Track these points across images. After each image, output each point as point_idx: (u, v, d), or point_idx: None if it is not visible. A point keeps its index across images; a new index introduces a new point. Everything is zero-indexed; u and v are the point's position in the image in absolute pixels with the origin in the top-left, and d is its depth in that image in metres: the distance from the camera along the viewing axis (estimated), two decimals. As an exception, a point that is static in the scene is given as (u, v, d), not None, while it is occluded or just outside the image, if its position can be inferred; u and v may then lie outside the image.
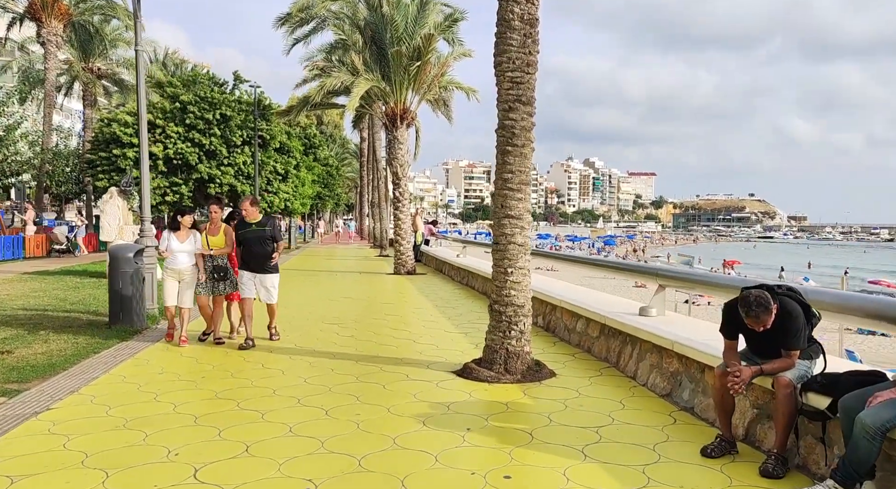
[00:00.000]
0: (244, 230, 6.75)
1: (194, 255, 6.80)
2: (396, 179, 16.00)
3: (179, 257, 6.77)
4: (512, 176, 5.30)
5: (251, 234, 6.71)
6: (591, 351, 6.33)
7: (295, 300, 10.72)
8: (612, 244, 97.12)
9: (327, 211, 56.49)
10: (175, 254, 6.77)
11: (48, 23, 27.61)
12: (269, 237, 6.75)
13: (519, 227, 5.37)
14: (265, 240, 6.72)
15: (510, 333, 5.38)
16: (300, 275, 15.55)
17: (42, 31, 27.71)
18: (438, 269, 17.13)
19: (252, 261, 6.76)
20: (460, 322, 8.51)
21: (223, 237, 6.90)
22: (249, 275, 6.80)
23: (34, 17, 27.81)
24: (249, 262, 6.78)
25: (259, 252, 6.68)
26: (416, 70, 14.88)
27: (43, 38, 27.77)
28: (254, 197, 6.99)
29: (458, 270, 14.16)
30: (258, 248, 6.69)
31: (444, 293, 11.93)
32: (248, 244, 6.73)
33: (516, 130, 5.25)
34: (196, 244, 6.79)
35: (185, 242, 6.78)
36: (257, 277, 6.82)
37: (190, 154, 23.68)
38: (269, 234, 6.75)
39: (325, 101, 15.99)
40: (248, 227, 6.74)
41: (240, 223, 6.87)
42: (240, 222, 6.88)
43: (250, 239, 6.71)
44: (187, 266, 6.78)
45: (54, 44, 28.09)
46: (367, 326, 8.17)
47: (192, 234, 6.82)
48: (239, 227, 6.84)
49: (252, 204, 6.77)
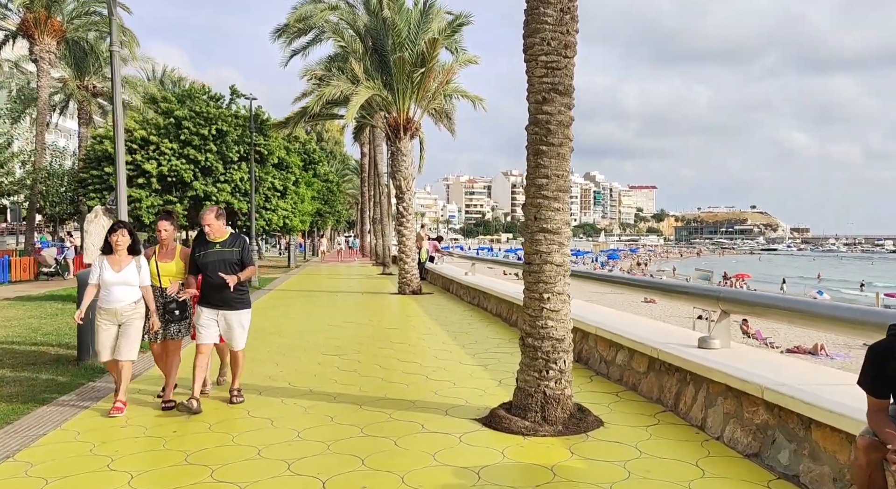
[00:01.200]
0: (205, 251, 5.12)
1: (140, 290, 5.03)
2: (400, 193, 15.12)
3: (116, 292, 4.93)
4: (547, 181, 4.38)
5: (214, 256, 5.09)
6: (637, 389, 5.35)
7: (292, 326, 9.75)
8: (616, 258, 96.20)
9: (328, 228, 55.63)
10: (109, 287, 4.93)
11: (41, 40, 27.00)
12: (238, 261, 5.13)
13: (557, 244, 4.43)
14: (232, 264, 5.09)
15: (547, 373, 4.42)
16: (299, 297, 14.59)
17: (35, 49, 27.08)
18: (445, 288, 16.17)
19: (214, 294, 5.07)
20: (477, 351, 7.53)
21: (179, 263, 5.31)
22: (210, 314, 5.14)
23: (27, 34, 27.20)
24: (211, 295, 5.09)
25: (224, 281, 4.97)
26: (419, 77, 14.07)
27: (36, 56, 27.14)
28: (220, 208, 5.33)
29: (467, 290, 13.20)
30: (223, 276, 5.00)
31: (454, 316, 10.96)
32: (209, 270, 5.05)
33: (552, 126, 4.33)
34: (141, 273, 5.04)
35: (123, 271, 4.96)
36: (221, 315, 5.16)
37: (185, 171, 22.87)
38: (238, 256, 5.14)
39: (324, 111, 15.17)
40: (210, 248, 5.12)
41: (199, 241, 5.21)
42: (199, 240, 5.22)
43: (213, 263, 5.05)
44: (127, 304, 4.95)
45: (47, 61, 27.46)
46: (372, 358, 7.20)
47: (132, 261, 5.03)
48: (198, 247, 5.17)
49: (217, 217, 5.14)
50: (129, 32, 29.43)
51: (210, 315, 5.16)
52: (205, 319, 5.15)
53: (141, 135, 22.79)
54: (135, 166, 22.49)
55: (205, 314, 5.16)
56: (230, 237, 5.24)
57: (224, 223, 5.23)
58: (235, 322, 5.22)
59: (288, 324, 10.10)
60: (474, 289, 12.48)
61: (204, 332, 5.16)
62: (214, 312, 5.16)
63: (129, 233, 5.06)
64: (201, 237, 5.22)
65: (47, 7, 26.67)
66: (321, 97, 13.89)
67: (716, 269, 76.52)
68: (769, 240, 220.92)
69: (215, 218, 5.14)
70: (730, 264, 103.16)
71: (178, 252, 5.38)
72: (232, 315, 5.19)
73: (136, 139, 22.79)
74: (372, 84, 13.80)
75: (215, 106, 24.34)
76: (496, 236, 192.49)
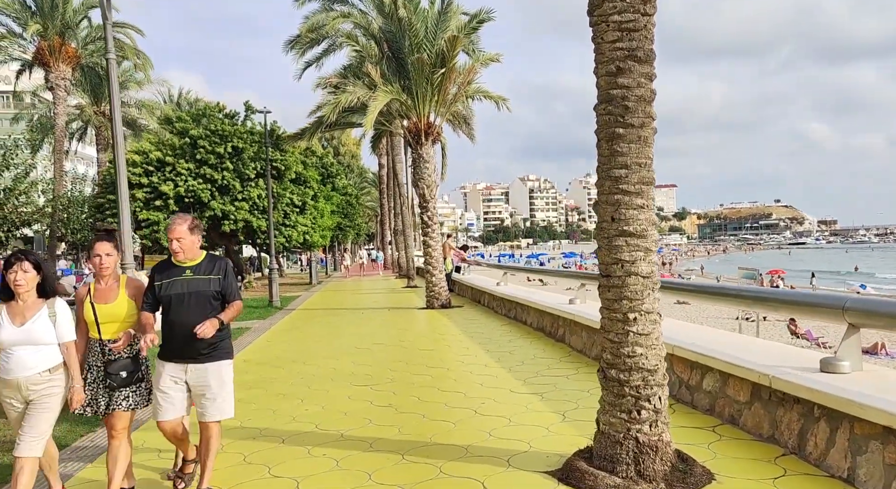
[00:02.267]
0: (169, 279, 3.60)
1: (58, 350, 3.41)
2: (424, 202, 14.30)
3: (18, 356, 3.31)
4: (627, 173, 3.49)
5: (182, 286, 3.57)
6: (737, 423, 4.39)
7: (316, 351, 8.93)
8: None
9: (348, 241, 55.17)
10: (9, 350, 3.32)
11: (56, 67, 26.92)
12: (216, 295, 3.62)
13: (642, 250, 3.53)
14: (208, 300, 3.59)
15: (639, 414, 3.50)
16: (323, 316, 13.81)
17: (50, 77, 27.02)
18: (475, 300, 15.27)
19: (179, 341, 3.56)
20: (526, 375, 6.61)
21: (129, 303, 3.65)
22: (174, 371, 3.61)
23: (42, 63, 27.16)
24: (174, 343, 3.60)
25: (195, 322, 3.46)
26: (440, 78, 13.29)
27: (52, 83, 27.07)
28: (193, 218, 3.72)
29: (501, 301, 12.28)
30: (194, 315, 3.50)
31: (491, 331, 10.05)
32: (174, 308, 3.57)
33: (630, 102, 3.45)
34: (58, 327, 3.39)
35: (28, 324, 3.33)
36: (191, 371, 3.60)
37: (202, 191, 22.39)
38: (217, 287, 3.62)
39: (340, 120, 14.47)
40: (176, 275, 3.60)
41: (161, 266, 3.73)
42: (161, 265, 3.74)
43: (180, 297, 3.56)
44: (35, 373, 3.33)
45: (63, 88, 27.38)
46: (408, 388, 6.32)
47: (43, 309, 3.39)
48: (159, 274, 3.66)
49: (192, 229, 3.62)
50: (142, 55, 29.32)
51: (174, 373, 3.57)
52: (166, 381, 3.58)
53: (157, 156, 22.39)
54: (151, 189, 22.08)
55: (166, 373, 3.58)
56: (206, 260, 3.67)
57: (199, 239, 3.66)
58: (212, 378, 3.59)
59: (312, 348, 9.29)
60: (510, 301, 11.56)
61: (165, 403, 3.57)
62: (180, 369, 3.57)
63: (34, 266, 3.38)
64: (165, 261, 3.73)
65: (61, 34, 26.62)
66: (337, 105, 13.18)
67: (746, 264, 74.46)
68: (796, 233, 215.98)
69: (188, 230, 3.57)
70: (759, 260, 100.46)
71: (125, 286, 3.67)
72: (205, 369, 3.58)
73: (153, 161, 22.40)
74: (390, 88, 13.05)
75: (230, 123, 23.89)
76: (516, 242, 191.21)
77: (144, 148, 22.88)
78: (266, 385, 6.79)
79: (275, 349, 9.40)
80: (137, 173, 21.92)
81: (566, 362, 7.12)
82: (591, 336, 7.25)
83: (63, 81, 27.15)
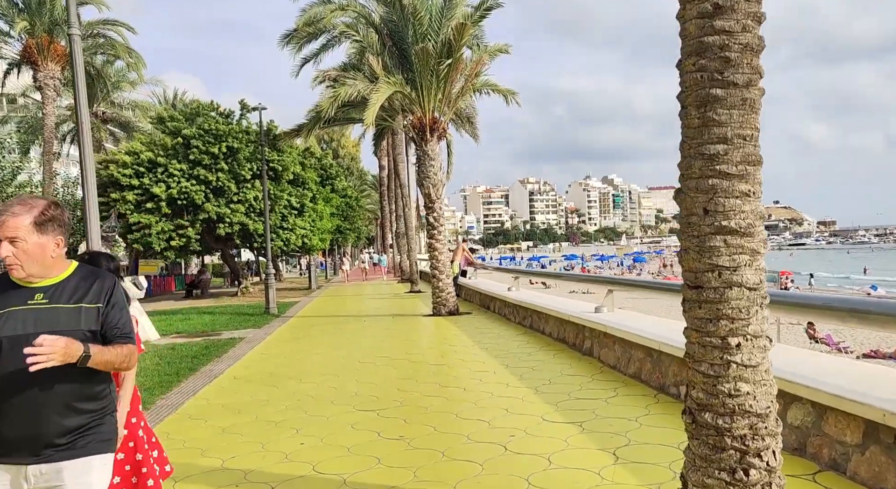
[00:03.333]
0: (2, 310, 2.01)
1: None
2: (429, 202, 13.42)
3: None
4: (726, 149, 2.60)
5: (25, 320, 2.00)
6: (842, 470, 3.49)
7: (315, 366, 8.03)
8: (643, 261, 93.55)
9: (348, 245, 54.27)
10: None
11: (45, 66, 25.98)
12: (88, 336, 2.02)
13: (748, 252, 2.64)
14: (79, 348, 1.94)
15: (747, 476, 2.60)
16: (323, 325, 12.91)
17: (38, 76, 26.05)
18: (484, 306, 14.37)
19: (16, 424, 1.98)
20: (558, 397, 5.70)
21: None
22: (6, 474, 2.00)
23: (30, 61, 26.24)
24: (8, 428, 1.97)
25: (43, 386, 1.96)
26: (446, 70, 12.42)
27: (40, 83, 26.10)
28: (49, 203, 2.08)
29: (515, 309, 11.38)
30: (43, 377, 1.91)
31: (507, 342, 9.15)
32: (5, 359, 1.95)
33: (732, 53, 2.56)
34: None
35: None
36: (31, 478, 2.00)
37: (196, 193, 21.51)
38: (91, 326, 2.05)
39: (340, 115, 13.59)
40: (17, 303, 2.02)
41: None
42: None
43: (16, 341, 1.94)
44: None
45: (52, 88, 26.42)
46: (421, 414, 5.42)
47: None
48: None
49: (43, 224, 2.04)
50: (134, 54, 28.40)
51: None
52: None
53: (148, 156, 21.52)
54: (143, 190, 21.20)
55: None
56: (76, 277, 2.12)
57: (61, 242, 2.09)
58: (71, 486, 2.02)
59: (310, 362, 8.39)
60: (525, 308, 10.66)
61: None
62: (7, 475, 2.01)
63: None
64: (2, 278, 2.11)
65: (49, 31, 25.72)
66: (336, 98, 12.31)
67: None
68: (796, 234, 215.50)
69: (33, 226, 2.02)
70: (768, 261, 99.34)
71: None
72: (59, 471, 2.02)
73: (144, 162, 21.53)
74: (393, 80, 12.18)
75: (225, 123, 23.02)
76: (516, 245, 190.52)
77: (135, 148, 22.00)
78: (257, 409, 5.89)
79: (269, 363, 8.51)
80: (128, 175, 21.06)
81: (600, 381, 6.22)
82: (627, 350, 6.37)
83: (52, 81, 26.19)
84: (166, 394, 6.91)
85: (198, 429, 5.35)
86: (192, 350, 9.94)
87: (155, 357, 9.39)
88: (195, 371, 8.23)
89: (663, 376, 5.51)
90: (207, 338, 11.42)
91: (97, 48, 28.50)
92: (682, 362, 5.11)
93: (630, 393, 5.62)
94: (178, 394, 6.87)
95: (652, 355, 5.77)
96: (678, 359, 5.17)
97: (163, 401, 6.55)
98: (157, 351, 10.02)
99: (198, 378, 7.77)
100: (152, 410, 6.13)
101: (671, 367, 5.36)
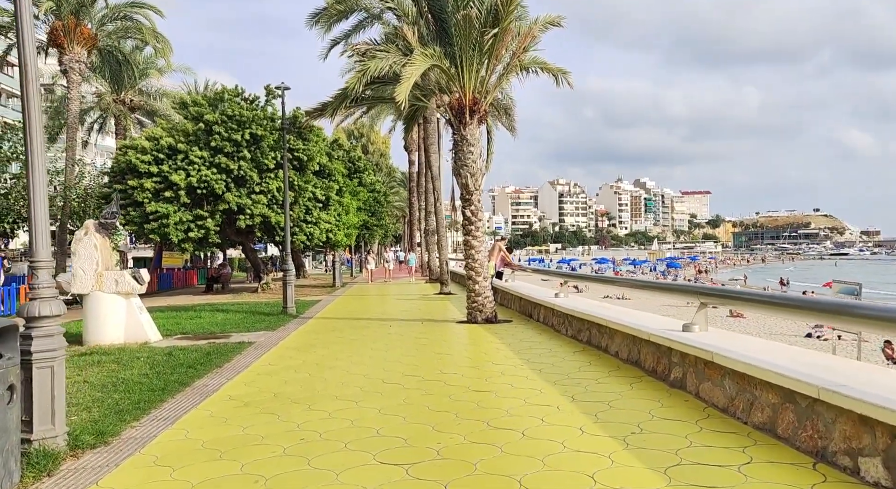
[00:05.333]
0: None
1: None
2: (467, 193, 11.83)
3: None
4: None
5: None
6: None
7: (328, 385, 6.51)
8: (677, 267, 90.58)
9: (375, 242, 53.07)
10: None
11: (70, 49, 25.21)
12: None
13: None
14: None
15: None
16: (343, 329, 11.43)
17: (64, 59, 25.32)
18: (525, 313, 12.73)
19: None
20: (659, 457, 4.04)
21: None
22: None
23: (56, 44, 25.50)
24: None
25: None
26: (491, 41, 10.82)
27: (65, 66, 25.39)
28: None
29: (565, 319, 9.71)
30: None
31: (564, 363, 7.50)
32: None
33: None
34: None
35: None
36: None
37: (216, 181, 20.30)
38: None
39: (368, 94, 12.10)
40: None
41: None
42: None
43: None
44: None
45: (77, 71, 25.66)
46: (469, 476, 3.82)
47: None
48: None
49: None
50: (161, 38, 27.48)
51: None
52: None
53: (168, 142, 20.40)
54: (161, 178, 20.08)
55: None
56: None
57: None
58: None
59: (323, 381, 6.88)
60: (580, 319, 8.99)
61: None
62: None
63: None
64: None
65: (75, 13, 24.92)
66: (365, 72, 10.80)
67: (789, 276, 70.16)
68: (837, 244, 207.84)
69: None
70: (801, 271, 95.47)
71: None
72: None
73: (163, 148, 20.42)
74: (430, 51, 10.62)
75: (249, 108, 21.80)
76: (545, 247, 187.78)
77: (156, 133, 20.93)
78: (245, 453, 4.39)
79: (275, 379, 7.03)
80: (147, 161, 19.97)
81: (714, 434, 4.51)
82: (747, 389, 4.67)
83: (77, 64, 25.41)
84: (141, 418, 5.47)
85: (158, 485, 3.86)
86: (191, 357, 8.55)
87: (146, 365, 8.01)
88: (186, 386, 6.80)
89: (822, 436, 3.81)
90: (213, 342, 10.04)
91: (124, 31, 27.70)
92: (860, 420, 3.40)
93: (770, 457, 3.92)
94: (155, 420, 5.42)
95: (796, 402, 4.07)
96: (853, 416, 3.49)
97: (132, 431, 5.11)
98: (152, 356, 8.65)
99: (187, 396, 6.33)
100: (114, 446, 4.69)
101: (839, 425, 3.66)
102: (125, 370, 7.67)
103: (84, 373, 7.47)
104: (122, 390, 6.53)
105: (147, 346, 9.67)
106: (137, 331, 10.18)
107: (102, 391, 6.53)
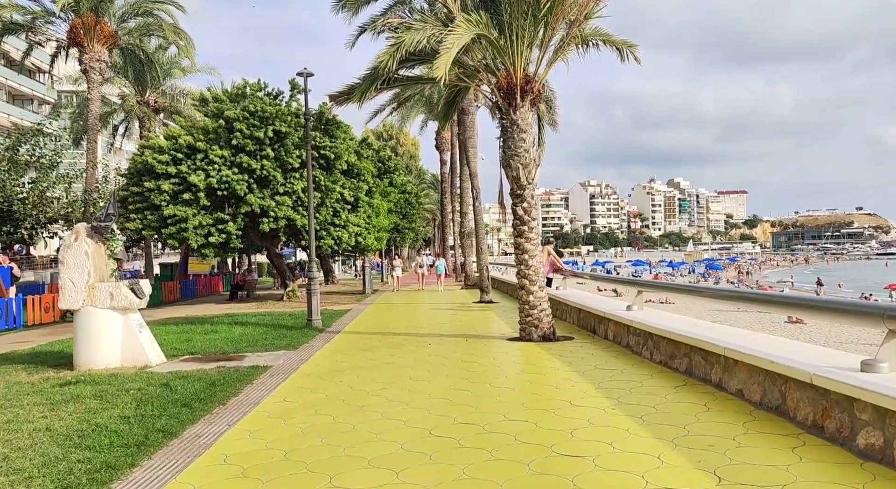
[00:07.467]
0: None
1: None
2: (518, 188, 10.05)
3: None
4: None
5: None
6: None
7: (356, 443, 4.79)
8: (719, 268, 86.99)
9: (406, 246, 51.57)
10: None
11: (90, 47, 24.31)
12: None
13: None
14: None
15: None
16: (374, 348, 9.74)
17: (84, 58, 24.43)
18: (585, 327, 10.88)
19: None
20: None
21: None
22: None
23: (76, 42, 24.64)
24: None
25: None
26: (548, 5, 9.03)
27: (85, 65, 24.50)
28: None
29: (648, 339, 7.84)
30: None
31: (667, 404, 5.66)
32: None
33: None
34: None
35: None
36: None
37: (237, 182, 18.91)
38: None
39: (402, 74, 10.45)
40: None
41: None
42: None
43: None
44: None
45: (98, 71, 24.75)
46: None
47: None
48: None
49: None
50: (184, 35, 26.43)
51: None
52: None
53: (186, 141, 19.10)
54: (180, 179, 18.80)
55: None
56: None
57: None
58: None
59: (350, 430, 5.18)
60: (672, 342, 7.11)
61: None
62: None
63: None
64: None
65: (95, 9, 24.00)
66: (399, 47, 9.12)
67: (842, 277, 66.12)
68: (883, 243, 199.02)
69: None
70: (851, 271, 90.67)
71: None
72: None
73: (182, 147, 19.14)
74: (475, 18, 8.90)
75: (273, 104, 20.42)
76: (576, 249, 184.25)
77: (174, 131, 19.68)
78: None
79: (289, 426, 5.37)
80: (164, 161, 18.71)
81: None
82: None
83: (98, 63, 24.47)
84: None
85: None
86: (191, 388, 6.97)
87: (133, 401, 6.44)
88: (174, 437, 5.19)
89: None
90: (223, 366, 8.46)
91: (145, 28, 26.76)
92: None
93: None
94: None
95: None
96: None
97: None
98: (145, 388, 7.09)
99: (168, 456, 4.71)
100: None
101: None
102: (105, 410, 6.11)
103: (52, 415, 5.93)
104: (87, 444, 4.95)
105: (145, 372, 8.15)
106: (136, 352, 8.68)
107: (63, 446, 4.96)
